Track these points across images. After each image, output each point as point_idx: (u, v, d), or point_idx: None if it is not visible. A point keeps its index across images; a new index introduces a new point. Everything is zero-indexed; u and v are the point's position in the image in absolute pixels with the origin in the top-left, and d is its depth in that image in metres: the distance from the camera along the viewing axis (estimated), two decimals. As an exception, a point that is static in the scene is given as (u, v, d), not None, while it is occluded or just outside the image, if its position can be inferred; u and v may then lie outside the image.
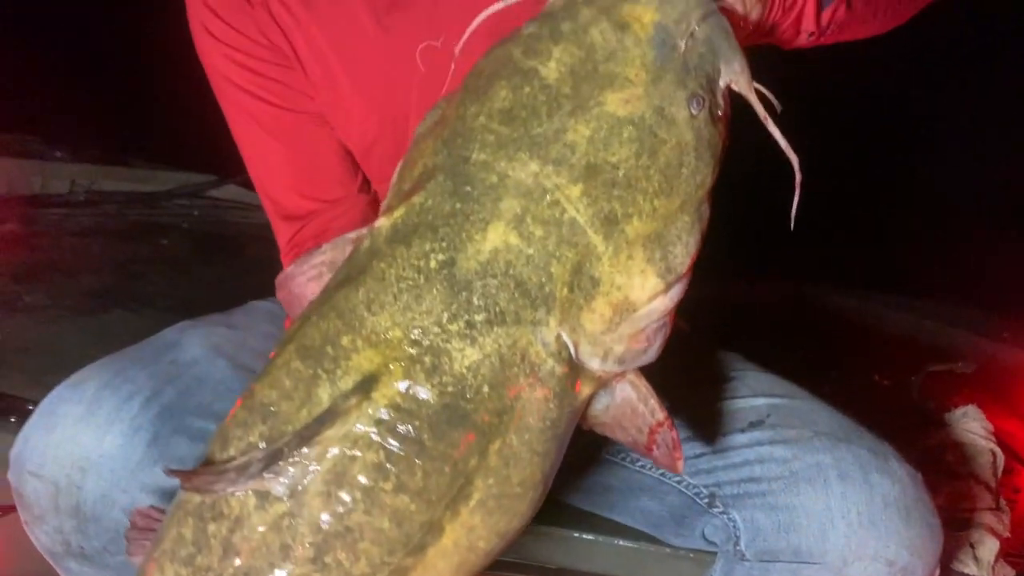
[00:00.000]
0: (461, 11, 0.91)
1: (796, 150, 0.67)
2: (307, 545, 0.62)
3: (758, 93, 0.67)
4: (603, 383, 0.67)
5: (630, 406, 0.69)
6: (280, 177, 1.04)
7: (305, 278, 0.71)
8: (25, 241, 1.98)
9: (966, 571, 1.08)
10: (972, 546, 1.07)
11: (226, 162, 1.88)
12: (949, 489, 1.11)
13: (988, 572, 1.07)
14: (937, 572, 0.87)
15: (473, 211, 0.62)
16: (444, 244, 0.62)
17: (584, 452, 1.01)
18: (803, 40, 0.86)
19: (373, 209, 1.06)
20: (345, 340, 0.63)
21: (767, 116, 0.67)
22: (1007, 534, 1.12)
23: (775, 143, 0.67)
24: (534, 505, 0.67)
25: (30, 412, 1.25)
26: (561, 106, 0.63)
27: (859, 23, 0.91)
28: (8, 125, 2.35)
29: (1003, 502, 1.14)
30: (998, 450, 1.19)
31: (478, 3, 0.92)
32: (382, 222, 0.64)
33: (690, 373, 1.00)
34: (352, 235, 0.70)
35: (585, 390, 0.66)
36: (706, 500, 0.93)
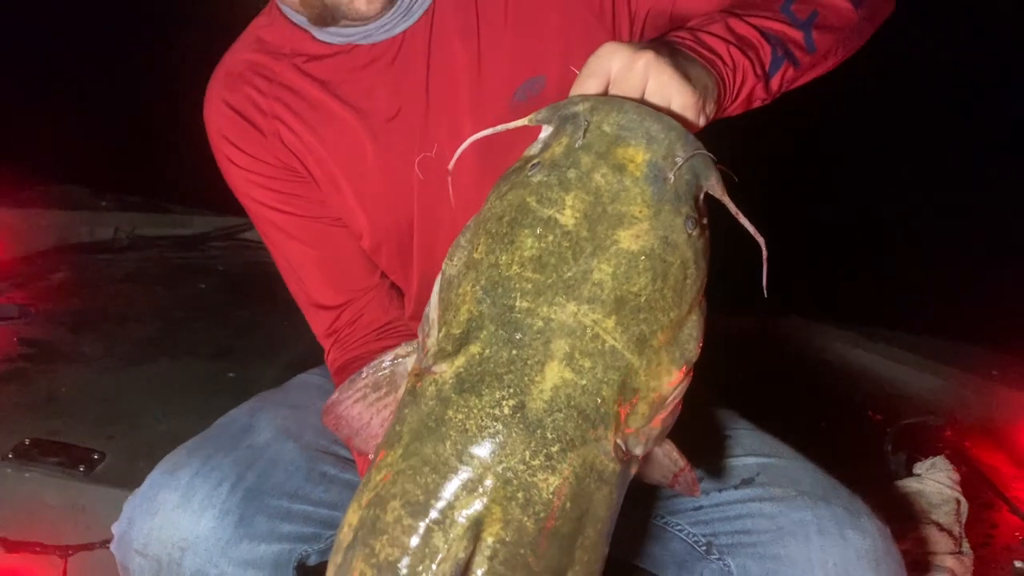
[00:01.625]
0: (449, 123, 1.04)
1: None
2: None
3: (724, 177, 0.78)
4: (642, 459, 0.78)
5: (659, 460, 0.82)
6: (313, 276, 1.15)
7: (351, 401, 0.82)
8: (77, 290, 2.13)
9: (932, 608, 1.20)
10: (939, 587, 1.19)
11: None
12: (915, 535, 1.23)
13: (953, 611, 1.19)
14: None
15: (529, 356, 0.70)
16: (511, 390, 0.70)
17: None
18: (760, 104, 0.95)
19: (392, 294, 1.18)
20: (446, 492, 0.70)
21: (738, 211, 0.77)
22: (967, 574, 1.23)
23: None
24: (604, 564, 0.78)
25: (96, 461, 1.42)
26: (583, 249, 0.72)
27: (812, 70, 0.99)
28: (58, 177, 2.52)
29: (966, 546, 1.25)
30: (963, 499, 1.30)
31: (461, 117, 1.04)
32: (444, 369, 0.72)
33: (693, 433, 1.13)
34: (388, 357, 0.81)
35: (633, 469, 0.77)
36: (704, 547, 1.05)
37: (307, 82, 1.06)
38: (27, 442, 1.42)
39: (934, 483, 1.29)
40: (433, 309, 0.76)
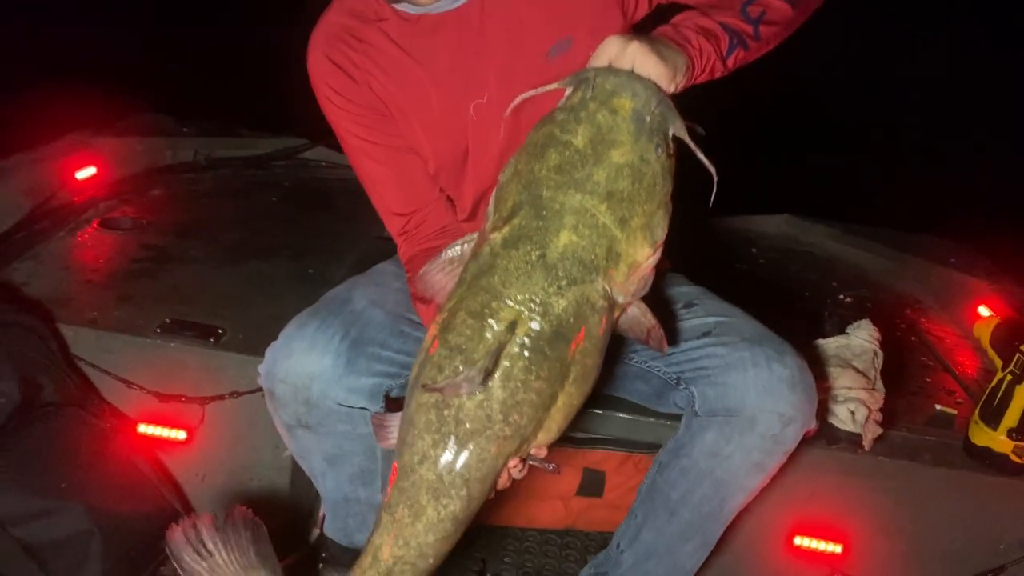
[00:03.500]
0: (496, 75, 1.38)
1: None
2: (497, 412, 1.05)
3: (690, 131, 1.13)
4: (624, 308, 1.12)
5: (636, 319, 1.15)
6: (389, 190, 1.48)
7: (435, 272, 1.16)
8: (172, 204, 2.49)
9: (846, 428, 1.60)
10: (852, 412, 1.58)
11: (315, 128, 2.25)
12: (840, 375, 1.62)
13: (860, 428, 1.59)
14: (814, 423, 1.38)
15: (550, 225, 1.06)
16: (537, 245, 1.06)
17: (608, 355, 1.54)
18: (721, 75, 1.30)
19: (448, 204, 1.52)
20: (494, 304, 1.05)
21: (696, 147, 1.11)
22: (877, 406, 1.62)
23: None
24: (596, 379, 1.12)
25: (220, 335, 1.82)
26: (588, 160, 1.07)
27: (758, 52, 1.34)
28: (146, 108, 2.89)
29: (879, 385, 1.64)
30: (879, 351, 1.68)
31: (505, 70, 1.35)
32: (495, 236, 1.08)
33: (670, 302, 1.52)
34: (459, 242, 1.15)
35: (616, 312, 1.12)
36: (675, 381, 1.45)
37: (388, 43, 1.39)
38: (168, 321, 1.81)
39: (857, 339, 1.66)
40: (491, 205, 1.13)
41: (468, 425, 1.06)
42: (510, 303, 1.06)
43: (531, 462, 1.14)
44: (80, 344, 1.78)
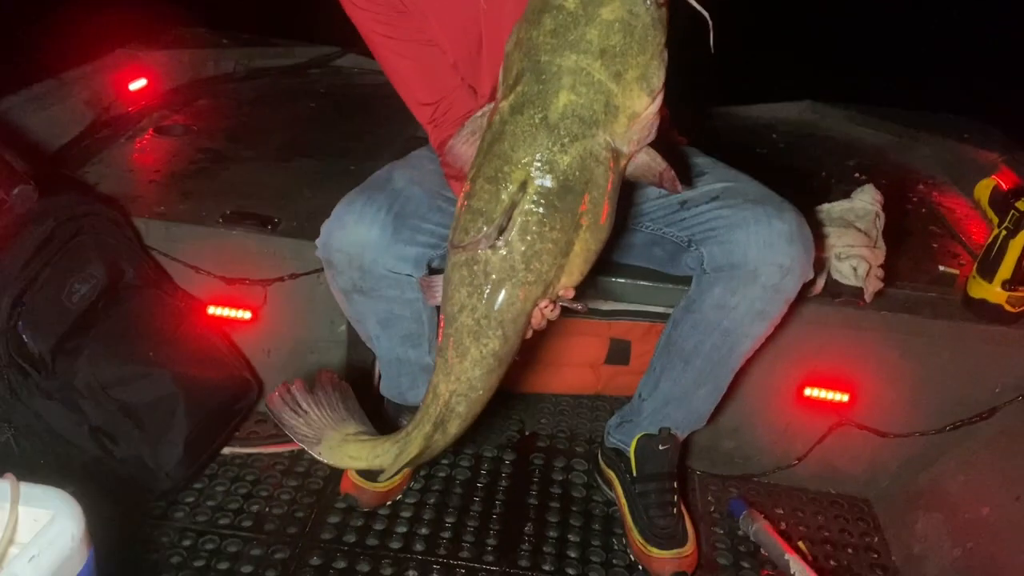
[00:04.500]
0: None
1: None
2: (519, 261, 1.17)
3: None
4: (630, 156, 1.19)
5: (646, 164, 1.21)
6: (415, 81, 1.58)
7: (460, 143, 1.25)
8: (219, 112, 2.64)
9: (848, 283, 1.74)
10: (854, 268, 1.72)
11: (346, 36, 2.44)
12: (843, 235, 1.74)
13: (862, 282, 1.73)
14: (811, 273, 1.51)
15: (549, 88, 1.12)
16: (539, 108, 1.13)
17: (622, 225, 1.68)
18: None
19: (470, 92, 1.62)
20: (506, 168, 1.15)
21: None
22: (878, 263, 1.75)
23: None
24: (611, 228, 1.21)
25: (276, 224, 2.00)
26: (579, 21, 1.11)
27: None
28: (188, 22, 3.03)
29: (880, 243, 1.76)
30: (881, 212, 1.80)
31: None
32: (503, 104, 1.16)
33: (685, 171, 1.65)
34: (478, 114, 1.22)
35: (623, 161, 1.18)
36: (686, 244, 1.59)
37: None
38: (229, 212, 1.98)
39: (860, 201, 1.78)
40: (500, 76, 1.22)
41: (495, 275, 1.20)
42: (519, 165, 1.15)
43: (561, 303, 1.28)
44: (152, 235, 1.96)
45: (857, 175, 2.50)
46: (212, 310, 2.01)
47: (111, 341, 1.74)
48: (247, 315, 2.02)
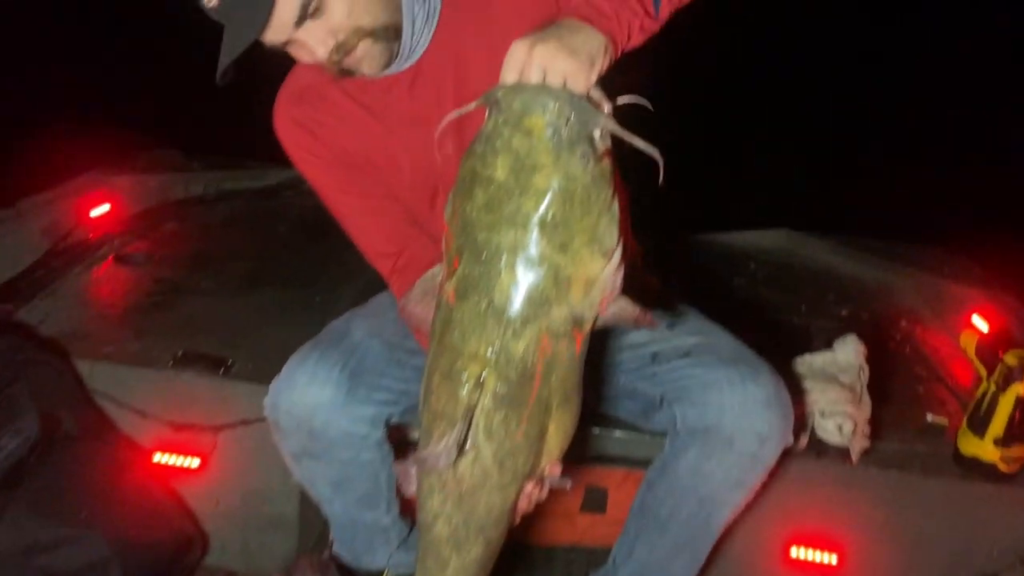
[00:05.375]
0: (457, 119, 1.22)
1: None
2: (491, 465, 1.09)
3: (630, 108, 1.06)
4: (596, 316, 1.08)
5: (618, 314, 1.09)
6: (372, 234, 1.51)
7: (413, 304, 1.17)
8: (184, 238, 2.57)
9: (833, 442, 1.65)
10: (839, 426, 1.63)
11: None
12: (827, 390, 1.66)
13: (848, 441, 1.64)
14: (790, 439, 1.41)
15: (490, 269, 1.02)
16: (484, 293, 1.03)
17: (594, 376, 1.57)
18: (658, 29, 1.20)
19: (433, 240, 1.51)
20: (459, 363, 1.06)
21: (632, 137, 1.02)
22: (864, 419, 1.66)
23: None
24: (581, 397, 1.13)
25: (230, 365, 1.90)
26: (512, 193, 1.01)
27: None
28: (158, 145, 3.00)
29: (866, 398, 1.68)
30: (865, 365, 1.72)
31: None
32: (447, 287, 1.06)
33: (658, 313, 1.56)
34: (428, 274, 1.14)
35: (586, 328, 1.08)
36: (659, 400, 1.50)
37: (348, 100, 1.43)
38: (180, 353, 1.89)
39: (843, 354, 1.71)
40: (443, 247, 1.12)
41: (467, 483, 1.11)
42: (473, 358, 1.06)
43: (548, 483, 1.18)
44: (97, 378, 1.86)
45: (837, 310, 2.45)
46: (158, 457, 1.88)
47: (40, 501, 1.60)
48: (195, 463, 1.89)
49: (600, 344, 1.54)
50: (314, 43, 1.27)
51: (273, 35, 1.25)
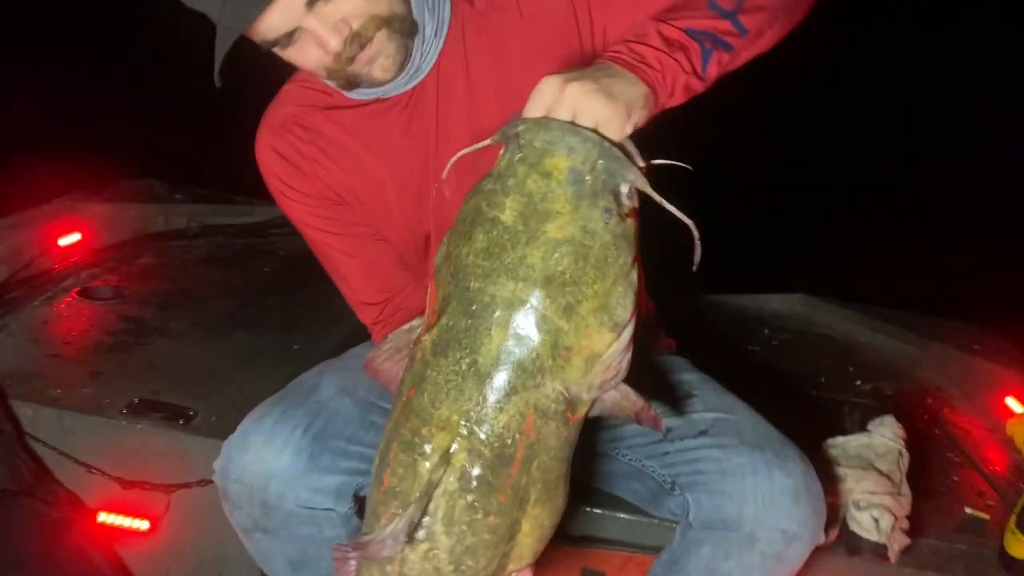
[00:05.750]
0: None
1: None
2: (446, 562, 0.93)
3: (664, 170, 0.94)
4: (593, 400, 0.95)
5: (617, 404, 0.97)
6: (356, 280, 1.39)
7: (382, 359, 1.03)
8: (160, 273, 2.40)
9: (869, 537, 1.45)
10: (875, 520, 1.43)
11: None
12: (862, 478, 1.47)
13: (885, 538, 1.44)
14: (821, 537, 1.23)
15: (480, 324, 0.88)
16: (468, 351, 0.88)
17: (596, 450, 1.41)
18: (702, 89, 1.07)
19: (424, 289, 1.36)
20: (424, 431, 0.90)
21: (662, 200, 0.91)
22: (904, 513, 1.48)
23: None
24: (567, 490, 0.98)
25: (191, 416, 1.72)
26: (518, 240, 0.88)
27: (750, 48, 1.10)
28: (139, 174, 2.84)
29: (905, 488, 1.49)
30: (904, 451, 1.53)
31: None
32: (425, 339, 0.91)
33: (667, 392, 1.39)
34: (406, 326, 1.01)
35: (581, 411, 0.95)
36: (669, 484, 1.31)
37: (337, 130, 1.30)
38: (136, 401, 1.71)
39: (880, 437, 1.52)
40: (428, 294, 0.97)
41: None
42: (442, 427, 0.90)
43: None
44: (40, 425, 1.67)
45: (859, 383, 2.26)
46: (103, 517, 1.69)
47: (-45, 566, 1.40)
48: (144, 525, 1.70)
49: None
50: (327, 31, 1.12)
51: (281, 20, 1.11)
